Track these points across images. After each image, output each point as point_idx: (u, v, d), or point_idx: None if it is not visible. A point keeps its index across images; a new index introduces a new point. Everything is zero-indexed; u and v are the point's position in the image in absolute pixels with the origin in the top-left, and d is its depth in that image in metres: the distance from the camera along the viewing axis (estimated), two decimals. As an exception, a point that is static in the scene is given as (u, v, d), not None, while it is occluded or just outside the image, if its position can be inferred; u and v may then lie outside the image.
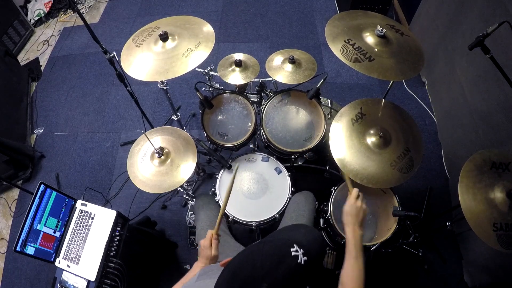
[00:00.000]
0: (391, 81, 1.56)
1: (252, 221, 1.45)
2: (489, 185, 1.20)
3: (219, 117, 1.67)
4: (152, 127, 1.70)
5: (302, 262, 0.62)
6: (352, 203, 1.06)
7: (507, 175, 1.22)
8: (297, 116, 1.65)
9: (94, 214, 1.49)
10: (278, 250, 0.64)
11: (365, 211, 1.07)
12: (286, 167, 1.60)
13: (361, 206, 1.07)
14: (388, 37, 1.28)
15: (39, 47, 3.26)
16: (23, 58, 3.18)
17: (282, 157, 1.64)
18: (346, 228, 1.04)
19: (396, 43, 1.29)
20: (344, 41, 1.26)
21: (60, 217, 1.46)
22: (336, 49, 1.24)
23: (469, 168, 1.23)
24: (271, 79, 1.67)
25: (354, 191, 1.09)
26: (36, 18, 3.42)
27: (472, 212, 1.15)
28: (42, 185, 1.41)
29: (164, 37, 1.38)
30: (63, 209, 1.47)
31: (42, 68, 3.06)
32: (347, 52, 1.23)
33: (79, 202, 1.53)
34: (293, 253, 0.62)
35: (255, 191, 1.54)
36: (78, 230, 1.46)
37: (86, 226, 1.46)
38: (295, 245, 0.63)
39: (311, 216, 1.42)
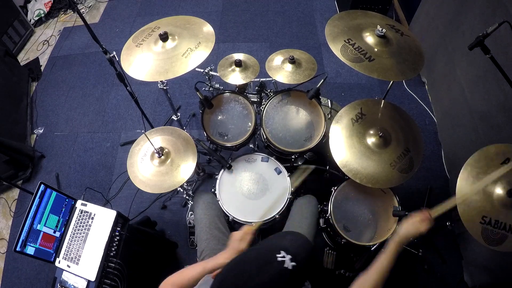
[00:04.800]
0: (391, 81, 1.56)
1: (252, 222, 1.45)
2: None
3: (219, 117, 1.67)
4: (152, 127, 1.70)
5: (289, 267, 0.61)
6: (420, 231, 0.99)
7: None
8: (297, 116, 1.65)
9: (94, 214, 1.48)
10: (263, 256, 0.64)
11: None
12: (286, 167, 1.60)
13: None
14: (388, 37, 1.28)
15: (39, 47, 3.25)
16: (23, 58, 3.18)
17: (282, 157, 1.64)
18: (395, 246, 0.97)
19: (396, 43, 1.29)
20: (344, 41, 1.26)
21: (60, 217, 1.46)
22: (336, 49, 1.24)
23: (479, 157, 1.21)
24: (271, 79, 1.67)
25: (431, 223, 1.01)
26: (36, 18, 3.42)
27: (465, 198, 1.15)
28: (42, 185, 1.40)
29: (164, 37, 1.37)
30: (63, 209, 1.47)
31: (42, 68, 3.06)
32: (347, 52, 1.23)
33: (79, 202, 1.52)
34: (279, 259, 0.62)
35: (255, 192, 1.54)
36: (78, 230, 1.46)
37: (86, 226, 1.46)
38: (281, 251, 0.63)
39: (314, 219, 1.42)
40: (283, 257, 0.62)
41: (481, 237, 1.11)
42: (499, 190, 1.16)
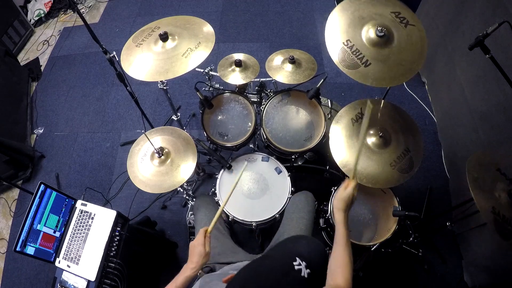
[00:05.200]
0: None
1: (252, 221, 1.45)
2: (493, 179, 1.20)
3: (219, 117, 1.67)
4: (152, 127, 1.70)
5: (305, 276, 0.61)
6: (349, 192, 1.02)
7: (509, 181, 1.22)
8: (297, 116, 1.65)
9: (94, 214, 1.49)
10: (281, 264, 0.63)
11: (355, 199, 1.05)
12: (286, 167, 1.60)
13: (355, 195, 1.04)
14: (388, 34, 1.26)
15: (39, 47, 3.26)
16: (23, 58, 3.18)
17: (282, 157, 1.64)
18: (339, 213, 1.00)
19: (397, 39, 1.26)
20: (343, 43, 1.25)
21: (60, 217, 1.46)
22: (334, 55, 1.24)
23: (477, 157, 1.24)
24: (271, 79, 1.67)
25: (354, 182, 1.06)
26: (36, 18, 3.42)
27: (476, 186, 1.15)
28: (42, 185, 1.41)
29: (164, 37, 1.37)
30: (63, 209, 1.47)
31: (42, 68, 3.06)
32: (344, 58, 1.22)
33: (79, 202, 1.52)
34: (296, 267, 0.61)
35: (255, 191, 1.54)
36: (78, 230, 1.46)
37: (86, 226, 1.46)
38: (297, 258, 0.62)
39: (311, 217, 1.41)
40: (299, 264, 0.61)
41: (493, 225, 1.10)
42: (501, 192, 1.17)
